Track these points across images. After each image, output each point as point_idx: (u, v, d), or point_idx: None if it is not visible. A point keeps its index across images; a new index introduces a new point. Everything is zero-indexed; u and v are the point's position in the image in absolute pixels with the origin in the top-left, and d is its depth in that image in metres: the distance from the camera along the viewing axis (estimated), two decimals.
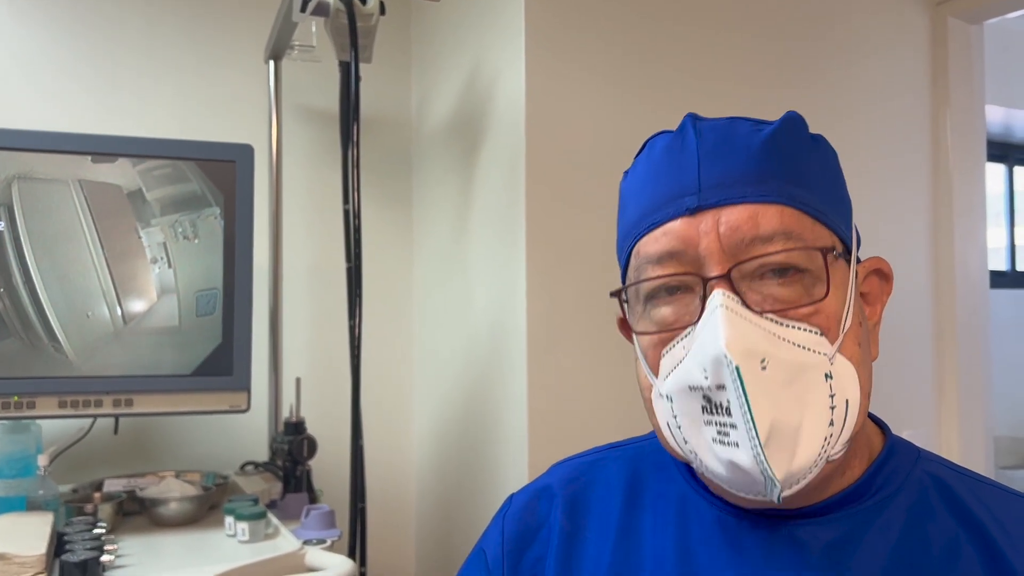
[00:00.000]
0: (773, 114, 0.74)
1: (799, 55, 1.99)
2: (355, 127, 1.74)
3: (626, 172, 0.77)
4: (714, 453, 0.65)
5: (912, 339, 2.17)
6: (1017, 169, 3.81)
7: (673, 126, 0.74)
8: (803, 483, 0.64)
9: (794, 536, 0.69)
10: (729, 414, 0.63)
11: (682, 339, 0.67)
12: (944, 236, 2.22)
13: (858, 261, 0.72)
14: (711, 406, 0.64)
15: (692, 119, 0.71)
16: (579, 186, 1.65)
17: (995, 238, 3.76)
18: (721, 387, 0.63)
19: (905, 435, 0.77)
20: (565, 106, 1.66)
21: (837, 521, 0.69)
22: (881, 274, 0.75)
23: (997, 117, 3.26)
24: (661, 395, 0.69)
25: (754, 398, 0.61)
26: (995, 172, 3.74)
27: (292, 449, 1.71)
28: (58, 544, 1.34)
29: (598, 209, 1.63)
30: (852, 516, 0.69)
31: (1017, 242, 3.81)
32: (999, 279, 3.60)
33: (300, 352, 2.06)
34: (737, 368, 0.61)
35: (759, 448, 0.61)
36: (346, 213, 1.78)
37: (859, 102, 2.09)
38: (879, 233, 2.07)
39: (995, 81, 2.51)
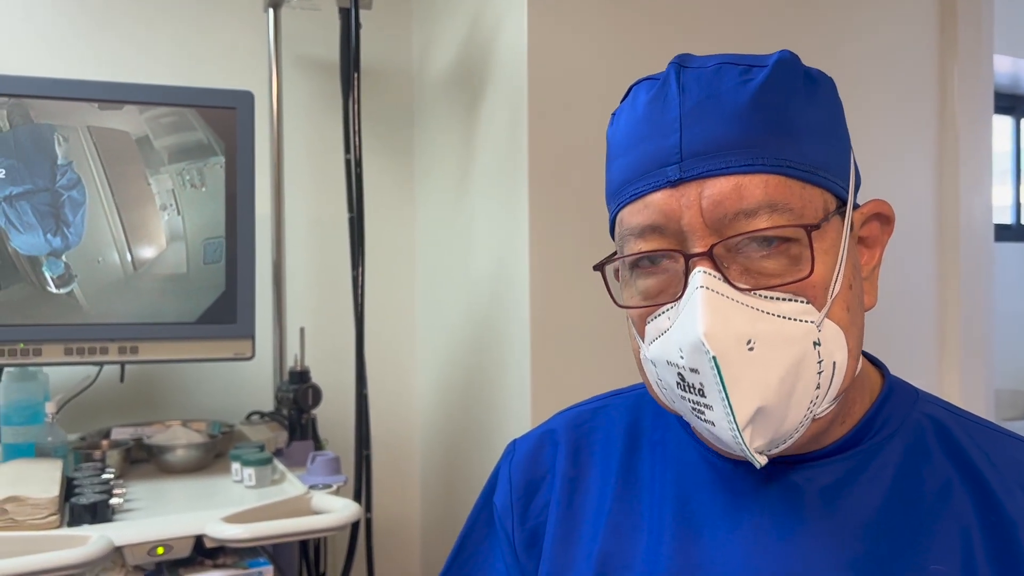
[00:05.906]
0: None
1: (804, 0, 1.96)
2: (355, 76, 1.73)
3: (612, 116, 0.75)
4: (694, 421, 0.67)
5: (915, 290, 2.17)
6: None
7: None
8: (789, 443, 0.64)
9: (789, 480, 0.69)
10: (703, 395, 0.63)
11: (667, 310, 0.66)
12: (949, 187, 2.21)
13: (856, 207, 0.69)
14: (684, 384, 0.64)
15: (677, 68, 0.67)
16: (582, 133, 1.64)
17: (1002, 196, 3.72)
18: (695, 370, 0.62)
19: None
20: (568, 53, 1.64)
21: (833, 464, 0.69)
22: (882, 217, 0.72)
23: (1005, 67, 3.22)
24: (647, 358, 0.69)
25: (734, 385, 0.61)
26: (1002, 124, 3.69)
27: (297, 397, 1.72)
28: (67, 488, 1.36)
29: (601, 156, 1.62)
30: (848, 459, 0.69)
31: (1023, 196, 3.78)
32: (1004, 232, 3.58)
33: (304, 302, 2.06)
34: (714, 358, 0.60)
35: (736, 431, 0.61)
36: (347, 163, 1.77)
37: (866, 50, 2.06)
38: (884, 184, 2.06)
39: (1004, 30, 2.47)
